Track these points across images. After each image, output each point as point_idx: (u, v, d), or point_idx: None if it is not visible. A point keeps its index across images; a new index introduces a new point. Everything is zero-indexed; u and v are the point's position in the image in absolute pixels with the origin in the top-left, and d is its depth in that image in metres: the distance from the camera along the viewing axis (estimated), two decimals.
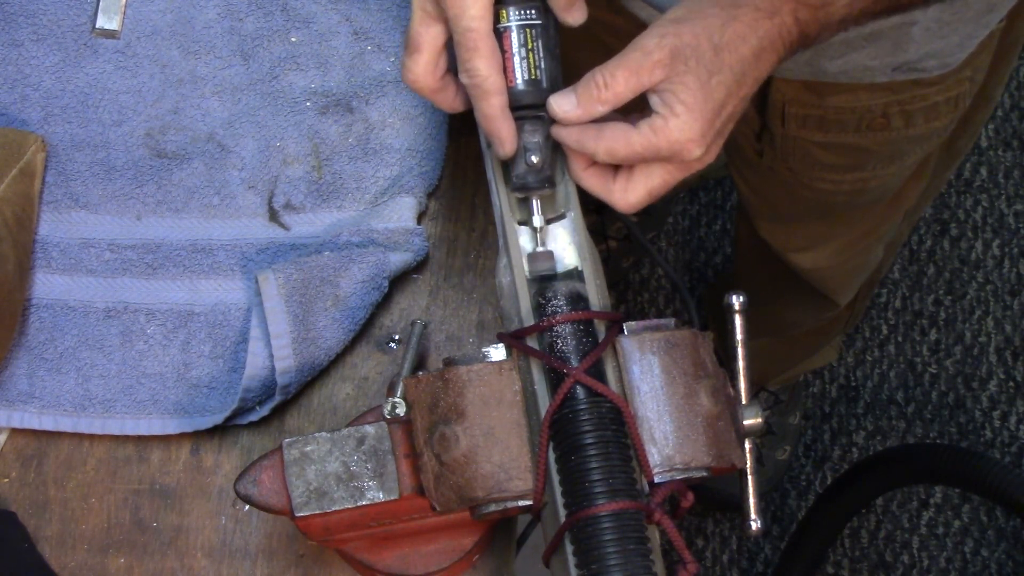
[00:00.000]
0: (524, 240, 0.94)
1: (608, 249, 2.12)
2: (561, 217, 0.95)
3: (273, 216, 1.13)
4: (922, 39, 1.09)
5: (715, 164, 2.28)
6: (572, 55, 0.97)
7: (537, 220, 0.93)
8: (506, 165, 0.94)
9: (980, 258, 2.20)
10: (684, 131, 0.86)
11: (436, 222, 1.15)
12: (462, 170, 1.16)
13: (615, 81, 0.87)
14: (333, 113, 1.15)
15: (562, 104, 0.89)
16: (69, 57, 1.17)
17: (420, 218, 1.14)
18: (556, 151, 0.94)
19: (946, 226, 2.22)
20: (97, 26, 1.18)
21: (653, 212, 2.15)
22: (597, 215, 2.10)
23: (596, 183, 0.92)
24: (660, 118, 0.87)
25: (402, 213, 1.12)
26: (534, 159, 0.92)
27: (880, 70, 1.14)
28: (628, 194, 0.91)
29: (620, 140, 0.88)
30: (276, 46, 1.17)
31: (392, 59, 1.17)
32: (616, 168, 0.91)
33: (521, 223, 0.95)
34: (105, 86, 1.16)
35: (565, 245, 0.94)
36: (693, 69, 0.86)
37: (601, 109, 0.88)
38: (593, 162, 0.91)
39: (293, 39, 1.18)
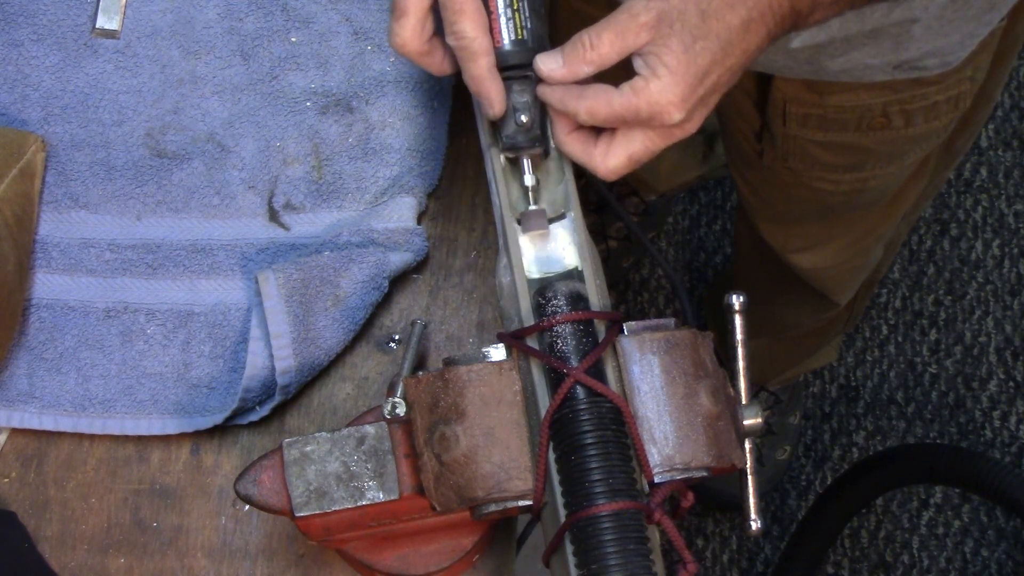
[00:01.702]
0: (525, 240, 0.94)
1: (608, 249, 2.12)
2: (561, 217, 0.95)
3: (273, 216, 1.13)
4: (923, 37, 1.09)
5: (715, 164, 2.29)
6: None
7: (528, 179, 0.94)
8: (495, 126, 0.94)
9: (980, 258, 2.20)
10: (664, 93, 0.86)
11: (436, 222, 1.15)
12: (462, 170, 1.16)
13: (601, 42, 0.87)
14: (333, 113, 1.15)
15: (548, 63, 0.90)
16: (69, 57, 1.17)
17: (420, 218, 1.14)
18: (545, 112, 0.94)
19: (946, 226, 2.22)
20: (97, 26, 1.18)
21: (653, 212, 2.15)
22: (597, 215, 2.10)
23: (578, 148, 0.92)
24: (641, 79, 0.87)
25: (402, 213, 1.12)
26: (523, 118, 0.93)
27: (881, 68, 1.14)
28: (609, 159, 0.91)
29: (601, 100, 0.88)
30: (276, 46, 1.17)
31: (392, 59, 1.17)
32: (599, 135, 0.92)
33: (520, 222, 0.95)
34: (105, 86, 1.16)
35: (565, 245, 0.94)
36: (678, 33, 0.86)
37: (586, 70, 0.89)
38: (576, 127, 0.92)
39: (293, 39, 1.18)
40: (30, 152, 1.12)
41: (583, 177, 0.98)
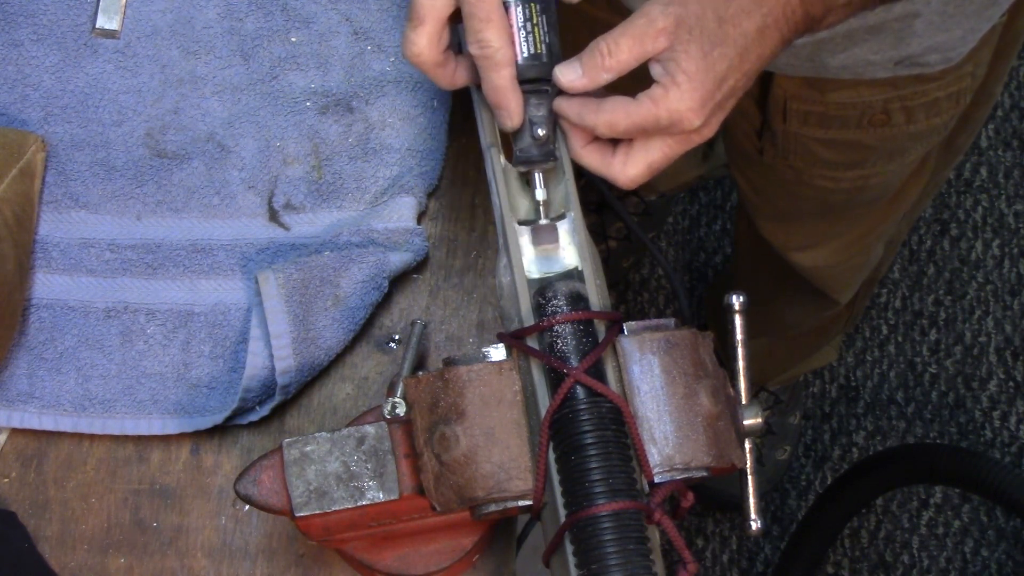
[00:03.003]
0: (525, 240, 0.94)
1: (608, 249, 2.12)
2: (561, 217, 0.95)
3: (273, 216, 1.13)
4: (925, 32, 1.10)
5: (715, 164, 2.29)
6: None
7: (540, 194, 0.94)
8: (507, 139, 0.94)
9: (980, 258, 2.21)
10: (684, 100, 0.87)
11: (436, 222, 1.15)
12: (462, 170, 1.16)
13: (619, 49, 0.87)
14: (333, 113, 1.15)
15: (568, 74, 0.90)
16: (69, 57, 1.17)
17: (420, 218, 1.14)
18: (556, 127, 0.94)
19: (946, 226, 2.22)
20: (97, 26, 1.18)
21: (653, 212, 2.15)
22: (597, 215, 2.10)
23: (596, 159, 0.92)
24: (660, 87, 0.87)
25: (402, 213, 1.12)
26: (540, 132, 0.93)
27: (882, 64, 1.14)
28: (628, 168, 0.91)
29: (620, 112, 0.88)
30: (276, 46, 1.17)
31: (392, 59, 1.17)
32: (615, 145, 0.92)
33: (521, 223, 0.95)
34: (105, 86, 1.16)
35: (565, 245, 0.94)
36: (697, 39, 0.86)
37: (606, 77, 0.89)
38: (593, 139, 0.92)
39: (293, 39, 1.18)
40: (30, 152, 1.12)
41: (583, 177, 0.98)
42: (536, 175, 0.94)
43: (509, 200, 0.95)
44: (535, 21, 0.92)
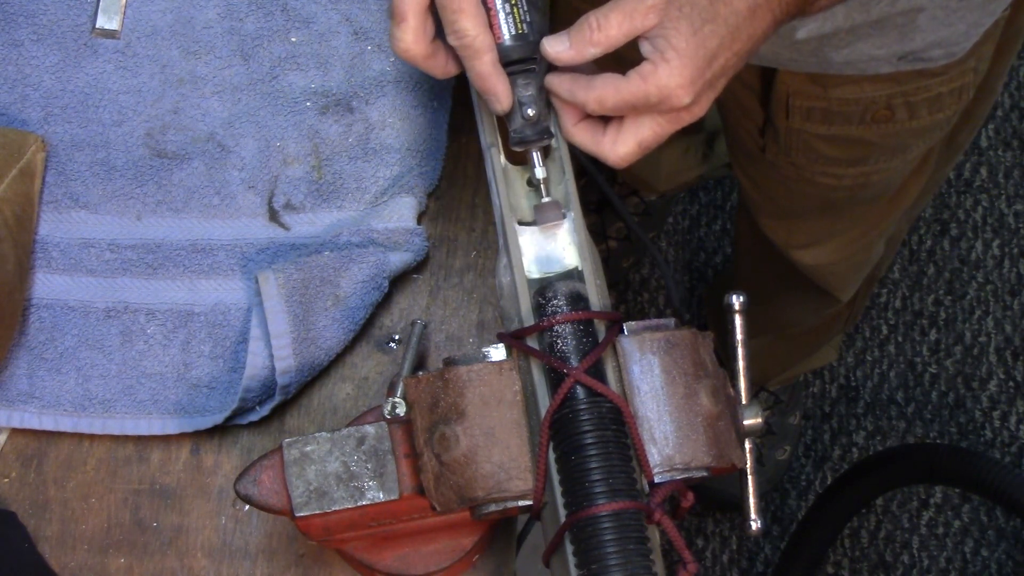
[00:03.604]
0: (525, 240, 0.94)
1: (608, 249, 2.12)
2: (561, 217, 0.95)
3: (273, 216, 1.13)
4: (928, 27, 1.10)
5: (715, 164, 2.28)
6: None
7: (539, 171, 0.94)
8: (501, 122, 0.95)
9: (980, 258, 2.20)
10: (673, 76, 0.87)
11: (436, 222, 1.15)
12: (462, 170, 1.16)
13: (608, 23, 0.87)
14: (333, 113, 1.15)
15: (555, 46, 0.90)
16: (69, 57, 1.17)
17: (420, 218, 1.14)
18: (550, 104, 0.94)
19: (946, 226, 2.22)
20: (97, 26, 1.18)
21: (653, 212, 2.15)
22: (597, 215, 2.10)
23: (586, 137, 0.92)
24: (650, 64, 0.87)
25: (402, 213, 1.12)
26: (530, 112, 0.93)
27: (886, 60, 1.14)
28: (618, 146, 0.91)
29: (609, 88, 0.88)
30: (276, 46, 1.17)
31: (392, 59, 1.17)
32: (606, 123, 0.92)
33: (521, 223, 0.95)
34: (105, 86, 1.16)
35: (565, 245, 0.94)
36: (687, 15, 0.86)
37: (593, 51, 0.89)
38: (584, 116, 0.92)
39: (293, 39, 1.18)
40: (30, 152, 1.12)
41: (583, 177, 0.98)
42: (533, 153, 0.95)
43: (509, 200, 0.95)
44: (514, 2, 0.92)
